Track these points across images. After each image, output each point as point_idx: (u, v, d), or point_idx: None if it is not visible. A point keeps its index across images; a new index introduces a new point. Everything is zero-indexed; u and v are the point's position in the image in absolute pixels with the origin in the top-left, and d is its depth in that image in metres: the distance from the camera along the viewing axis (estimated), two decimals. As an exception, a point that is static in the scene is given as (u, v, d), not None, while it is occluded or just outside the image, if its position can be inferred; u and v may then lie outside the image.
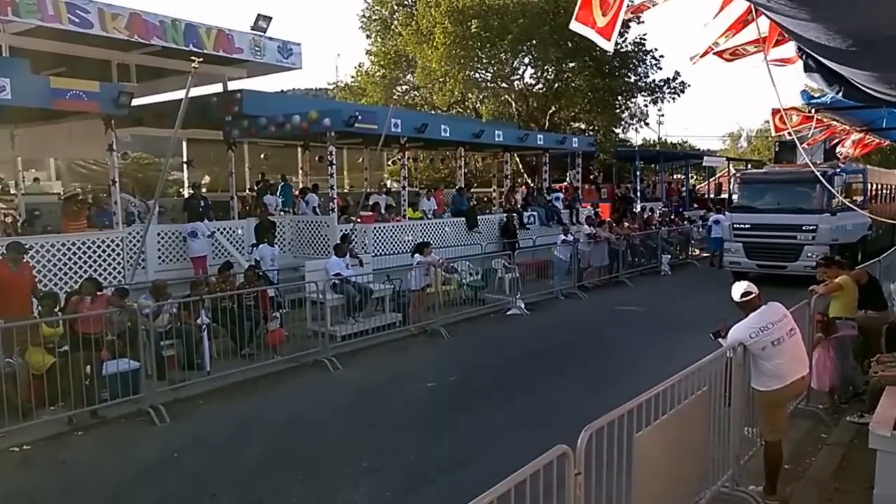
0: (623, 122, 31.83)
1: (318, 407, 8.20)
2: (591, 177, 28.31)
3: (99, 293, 8.11)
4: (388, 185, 24.10)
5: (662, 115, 52.79)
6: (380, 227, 15.36)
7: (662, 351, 9.53)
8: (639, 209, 23.74)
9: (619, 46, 28.34)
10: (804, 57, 4.71)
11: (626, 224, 19.16)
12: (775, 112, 10.97)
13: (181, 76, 12.31)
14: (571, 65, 29.08)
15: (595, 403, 5.30)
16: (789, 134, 12.05)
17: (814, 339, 7.12)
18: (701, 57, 4.88)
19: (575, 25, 3.77)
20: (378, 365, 10.08)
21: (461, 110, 30.79)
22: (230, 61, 13.72)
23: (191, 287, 10.08)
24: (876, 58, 3.72)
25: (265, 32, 13.72)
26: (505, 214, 18.80)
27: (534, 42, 27.24)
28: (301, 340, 10.21)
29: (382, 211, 17.05)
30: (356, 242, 14.03)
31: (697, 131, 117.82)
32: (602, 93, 28.98)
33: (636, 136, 40.67)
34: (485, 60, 27.83)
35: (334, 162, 14.66)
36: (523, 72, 30.31)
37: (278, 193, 16.83)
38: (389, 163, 28.03)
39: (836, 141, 14.05)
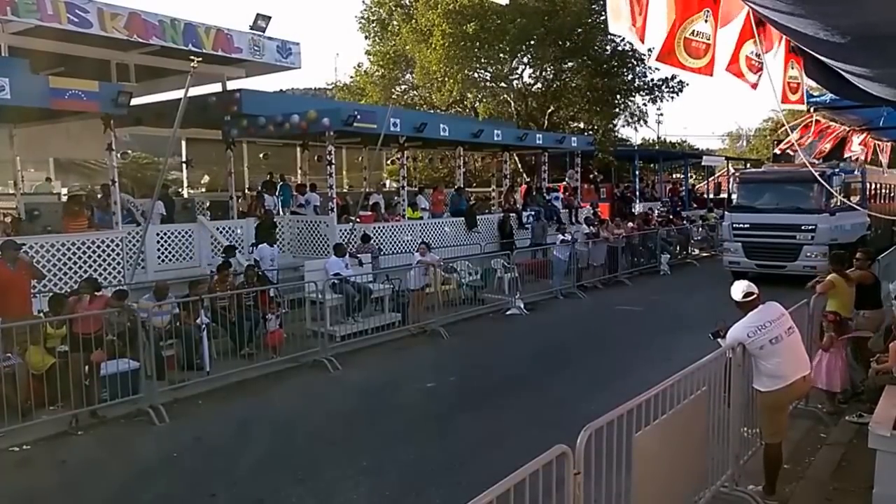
0: (623, 121, 31.90)
1: (318, 407, 8.21)
2: (591, 176, 28.33)
3: (98, 293, 8.11)
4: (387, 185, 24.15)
5: (661, 115, 52.80)
6: (379, 227, 15.37)
7: (662, 351, 9.53)
8: (638, 209, 23.72)
9: (616, 45, 28.43)
10: (804, 57, 4.72)
11: (630, 224, 19.12)
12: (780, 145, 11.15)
13: (180, 76, 12.31)
14: (570, 64, 29.16)
15: (594, 403, 5.31)
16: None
17: (825, 338, 7.11)
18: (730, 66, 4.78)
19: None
20: (377, 365, 10.08)
21: (460, 110, 30.82)
22: (229, 61, 13.71)
23: (189, 287, 10.07)
24: (873, 55, 3.73)
25: (264, 32, 13.72)
26: (503, 213, 18.84)
27: (532, 42, 27.28)
28: (300, 340, 10.21)
29: (382, 210, 17.08)
30: (374, 242, 14.17)
31: (696, 131, 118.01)
32: (601, 92, 29.04)
33: (635, 135, 40.75)
34: (483, 60, 27.87)
35: (333, 161, 14.66)
36: (522, 71, 30.39)
37: (277, 193, 16.83)
38: (388, 162, 28.03)
39: (835, 137, 14.10)
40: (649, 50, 4.25)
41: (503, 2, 3.98)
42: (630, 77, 29.75)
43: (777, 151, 17.20)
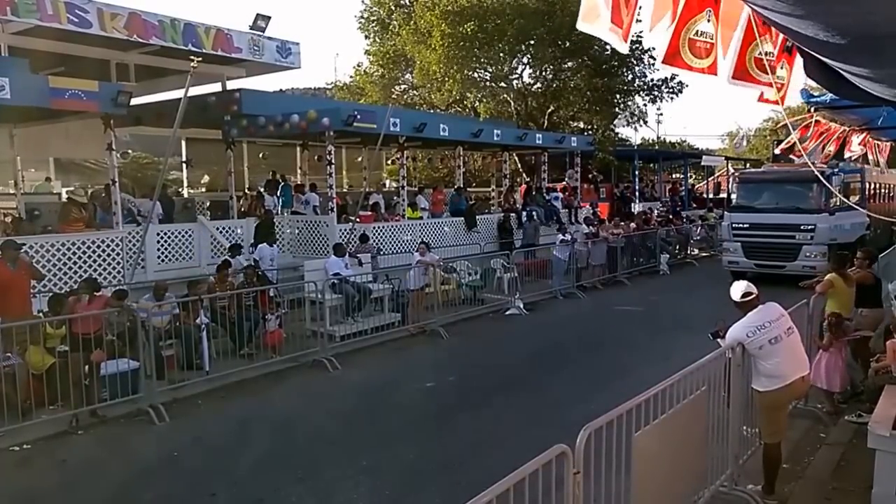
0: (623, 121, 31.92)
1: (318, 407, 8.21)
2: (591, 176, 28.35)
3: (97, 293, 8.11)
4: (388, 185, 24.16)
5: (661, 115, 52.78)
6: (379, 227, 15.37)
7: (661, 351, 9.53)
8: (637, 209, 23.73)
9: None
10: (804, 57, 4.71)
11: (632, 223, 19.11)
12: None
13: (180, 76, 12.32)
14: (569, 64, 29.17)
15: (594, 403, 5.31)
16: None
17: (825, 338, 7.12)
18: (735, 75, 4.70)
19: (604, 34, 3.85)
20: (377, 365, 10.09)
21: (460, 110, 30.82)
22: (229, 61, 13.73)
23: (188, 287, 10.04)
24: (874, 55, 3.73)
25: (264, 32, 13.73)
26: (503, 213, 18.83)
27: (531, 42, 27.27)
28: (300, 340, 10.21)
29: (382, 210, 17.09)
30: (373, 242, 14.17)
31: (696, 130, 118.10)
32: (600, 92, 29.04)
33: (635, 135, 40.78)
34: (483, 61, 27.87)
35: (333, 161, 14.67)
36: (521, 71, 30.38)
37: (279, 193, 16.84)
38: (388, 162, 28.03)
39: (837, 140, 14.10)
40: (636, 51, 4.27)
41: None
42: (630, 77, 29.76)
43: (777, 151, 17.16)
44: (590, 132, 30.03)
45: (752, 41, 4.57)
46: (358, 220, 14.63)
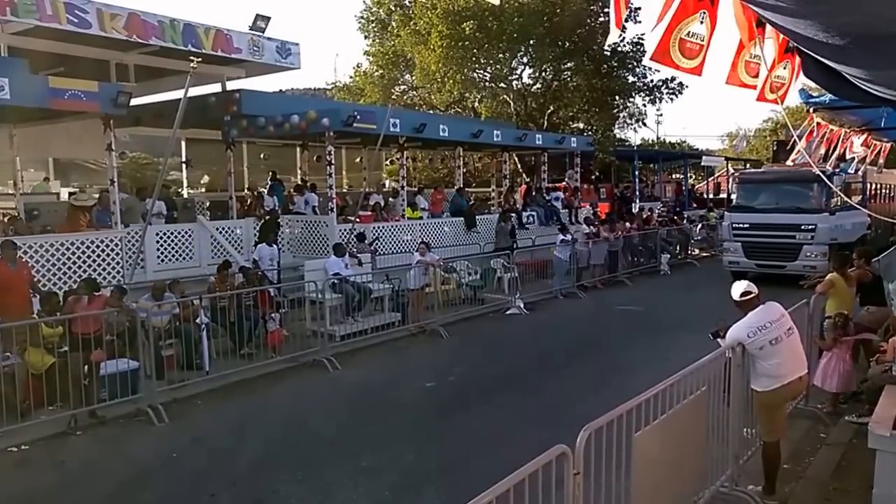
0: (622, 122, 31.91)
1: (318, 407, 8.21)
2: (593, 177, 28.31)
3: (96, 293, 8.10)
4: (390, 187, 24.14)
5: (661, 115, 52.74)
6: (378, 227, 15.36)
7: (661, 351, 9.52)
8: (637, 209, 23.71)
9: (616, 45, 28.45)
10: (803, 58, 4.70)
11: (628, 224, 19.05)
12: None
13: (180, 76, 12.31)
14: (569, 64, 29.15)
15: (594, 403, 5.30)
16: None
17: (828, 339, 7.11)
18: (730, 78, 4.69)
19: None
20: (377, 365, 10.08)
21: (460, 110, 30.82)
22: (229, 61, 13.71)
23: (169, 287, 9.91)
24: (873, 55, 3.73)
25: (263, 32, 13.72)
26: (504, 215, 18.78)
27: (531, 42, 27.26)
28: (300, 340, 10.21)
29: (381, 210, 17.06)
30: (371, 241, 14.13)
31: (696, 131, 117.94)
32: (600, 93, 29.02)
33: (635, 135, 40.74)
34: (482, 61, 27.87)
35: (333, 161, 14.66)
36: (521, 72, 30.37)
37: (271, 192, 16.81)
38: (388, 162, 28.02)
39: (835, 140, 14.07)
40: (637, 52, 4.28)
41: (495, 1, 4.02)
42: (630, 79, 29.74)
43: (790, 163, 17.02)
44: (589, 133, 30.02)
45: (745, 45, 4.57)
46: (358, 220, 14.61)
